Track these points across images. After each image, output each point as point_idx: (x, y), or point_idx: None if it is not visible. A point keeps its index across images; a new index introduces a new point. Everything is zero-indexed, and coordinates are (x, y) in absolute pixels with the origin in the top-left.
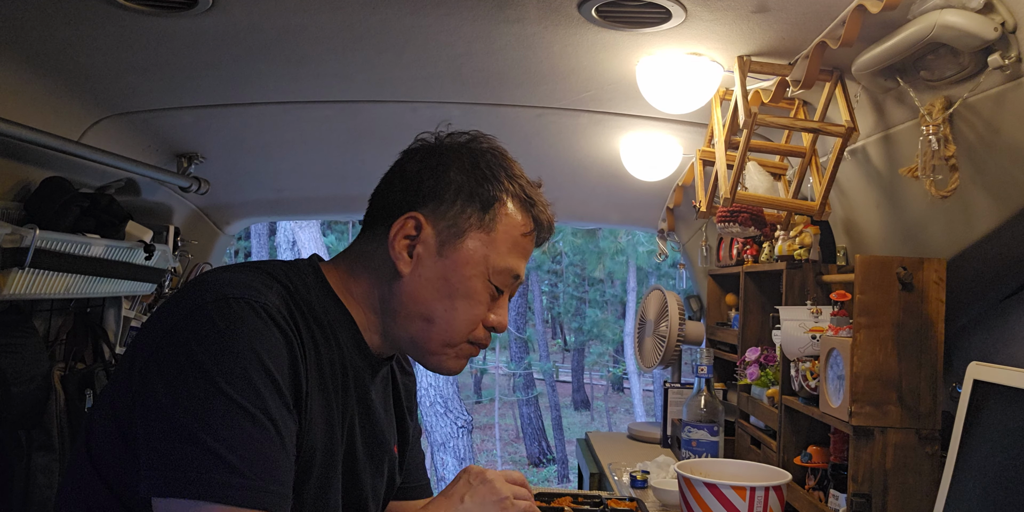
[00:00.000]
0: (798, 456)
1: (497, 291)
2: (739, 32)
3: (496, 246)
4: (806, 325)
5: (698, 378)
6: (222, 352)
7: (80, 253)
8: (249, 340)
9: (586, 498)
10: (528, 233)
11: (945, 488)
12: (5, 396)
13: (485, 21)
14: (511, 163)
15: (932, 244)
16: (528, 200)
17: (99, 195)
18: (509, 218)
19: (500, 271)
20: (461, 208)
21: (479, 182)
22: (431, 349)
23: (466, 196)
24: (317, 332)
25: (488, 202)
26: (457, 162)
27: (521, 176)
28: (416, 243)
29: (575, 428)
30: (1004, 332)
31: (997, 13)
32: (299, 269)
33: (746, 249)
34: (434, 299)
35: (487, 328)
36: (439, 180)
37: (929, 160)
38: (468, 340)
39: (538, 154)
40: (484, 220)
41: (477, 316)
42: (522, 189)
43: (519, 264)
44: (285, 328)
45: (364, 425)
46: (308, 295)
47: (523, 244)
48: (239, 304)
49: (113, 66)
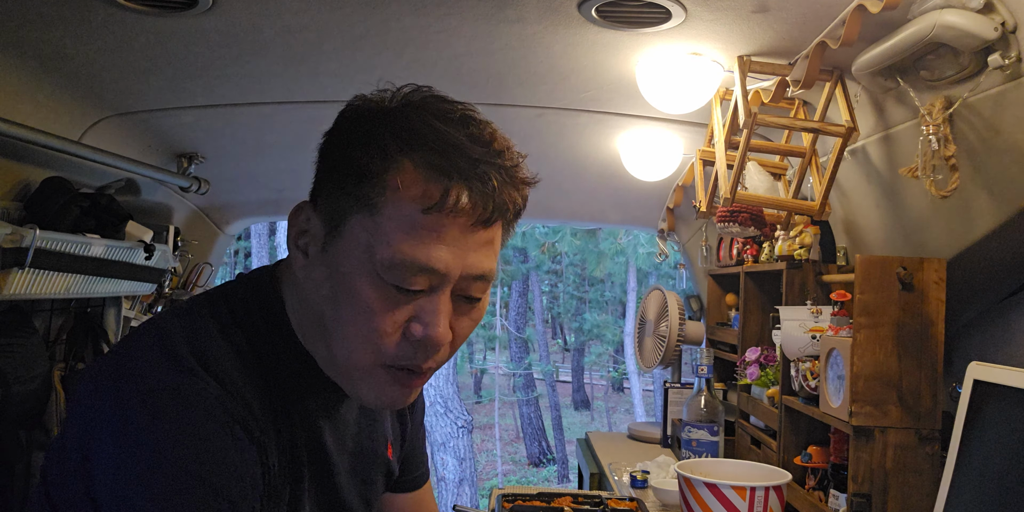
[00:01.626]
0: (798, 456)
1: (404, 291)
2: (739, 32)
3: (383, 232)
4: (806, 325)
5: (698, 378)
6: (152, 476)
7: (80, 253)
8: (183, 454)
9: (586, 498)
10: (434, 207)
11: (945, 488)
12: (5, 396)
13: (485, 21)
14: (435, 114)
15: (932, 244)
16: (440, 155)
17: (99, 195)
18: (400, 191)
19: (392, 265)
20: (341, 186)
21: (363, 149)
22: (339, 373)
23: (345, 169)
24: (273, 383)
25: (366, 173)
26: (351, 129)
27: (440, 126)
28: (308, 239)
29: (575, 428)
30: (1004, 332)
31: (997, 13)
32: (255, 295)
33: (746, 249)
34: (324, 309)
35: (411, 342)
36: (328, 156)
37: (929, 160)
38: (382, 363)
39: (538, 154)
40: (364, 198)
41: (377, 328)
42: (430, 143)
43: (426, 251)
44: (234, 412)
45: (340, 446)
46: (266, 331)
47: (428, 225)
48: (169, 398)
49: (113, 66)
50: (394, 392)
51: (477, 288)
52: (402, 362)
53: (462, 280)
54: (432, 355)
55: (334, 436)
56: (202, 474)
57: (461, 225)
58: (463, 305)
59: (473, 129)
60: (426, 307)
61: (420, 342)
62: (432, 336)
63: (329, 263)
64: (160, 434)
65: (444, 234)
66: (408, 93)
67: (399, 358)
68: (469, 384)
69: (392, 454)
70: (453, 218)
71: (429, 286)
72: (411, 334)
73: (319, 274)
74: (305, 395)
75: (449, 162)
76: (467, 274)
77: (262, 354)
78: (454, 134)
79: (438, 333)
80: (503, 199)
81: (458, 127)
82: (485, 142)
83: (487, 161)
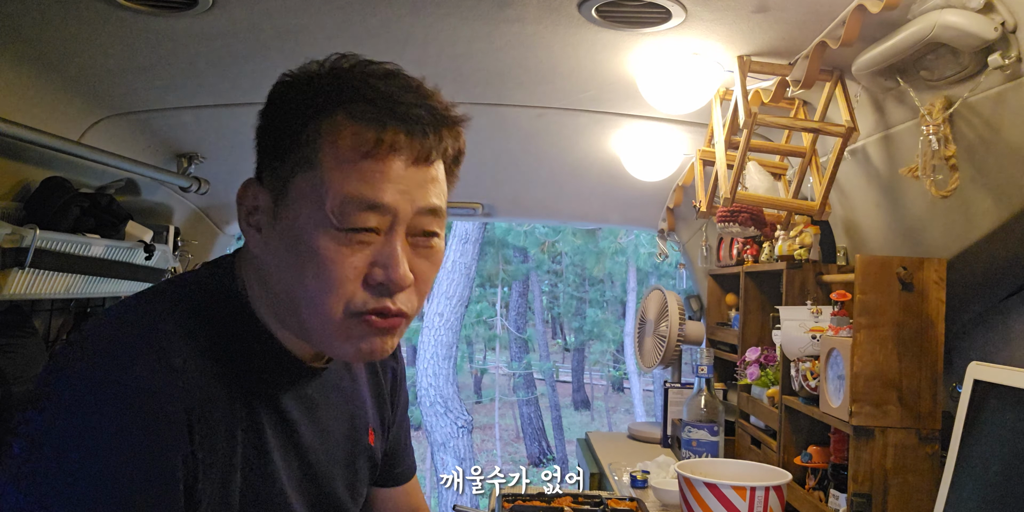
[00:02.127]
0: (798, 456)
1: (357, 231)
2: (739, 32)
3: (327, 182)
4: (806, 325)
5: (698, 378)
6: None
7: (80, 253)
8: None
9: (586, 498)
10: (373, 151)
11: (945, 488)
12: (5, 396)
13: (485, 21)
14: (361, 71)
15: (932, 244)
16: (371, 103)
17: (99, 195)
18: (338, 142)
19: (343, 208)
20: (279, 152)
21: (296, 112)
22: (317, 336)
23: (281, 135)
24: (232, 367)
25: (301, 132)
26: (283, 98)
27: (368, 79)
28: (259, 215)
29: (575, 428)
30: (1004, 332)
31: (997, 13)
32: (214, 281)
33: (746, 249)
34: (287, 276)
35: (375, 287)
36: (264, 129)
37: (929, 160)
38: (352, 311)
39: (538, 154)
40: (303, 156)
41: (338, 278)
42: (360, 94)
43: (372, 189)
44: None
45: (317, 430)
46: (225, 316)
47: (370, 167)
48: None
49: (113, 66)
50: (372, 341)
51: (429, 222)
52: (370, 306)
53: (415, 218)
54: (396, 296)
55: (307, 419)
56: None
57: (402, 163)
58: (420, 247)
59: (401, 81)
60: (383, 250)
61: (383, 285)
62: (393, 277)
63: (283, 229)
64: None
65: (387, 172)
66: (335, 60)
67: (366, 303)
68: (469, 384)
69: (374, 441)
70: (393, 158)
71: (382, 227)
72: (373, 278)
73: (276, 244)
74: (269, 378)
75: (381, 108)
76: (418, 209)
77: (220, 340)
78: (383, 85)
79: (399, 273)
80: (439, 137)
81: (386, 79)
82: (413, 89)
83: (417, 103)
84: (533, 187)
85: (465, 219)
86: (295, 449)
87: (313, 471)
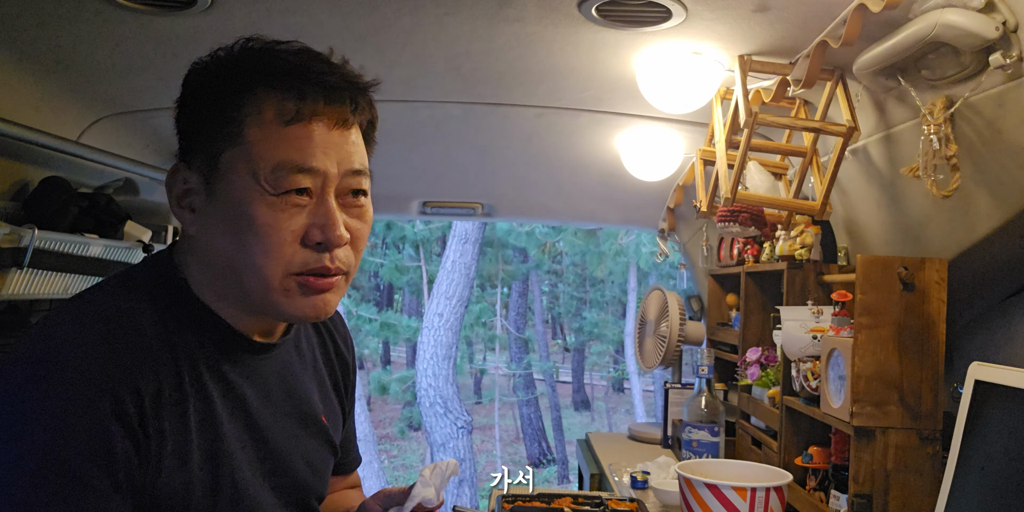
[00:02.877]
0: (799, 457)
1: (291, 194)
2: (740, 31)
3: (256, 152)
4: (807, 325)
5: (699, 378)
6: (17, 463)
7: (79, 253)
8: (48, 436)
9: (586, 499)
10: (294, 117)
11: (946, 488)
12: None
13: (485, 20)
14: (273, 50)
15: (933, 244)
16: (287, 75)
17: (98, 195)
18: (260, 115)
19: (275, 174)
20: (204, 133)
21: (214, 92)
22: (259, 300)
23: (203, 116)
24: (176, 348)
25: (223, 110)
26: (200, 82)
27: (281, 56)
28: (192, 196)
29: (575, 429)
30: (1005, 332)
31: (998, 12)
32: (155, 278)
33: (747, 249)
34: (226, 247)
35: (313, 246)
36: (185, 112)
37: (930, 160)
38: (290, 272)
39: (538, 154)
40: (228, 133)
41: (277, 241)
42: (275, 69)
43: (300, 152)
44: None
45: (270, 406)
46: (167, 300)
47: (294, 133)
48: (41, 385)
49: (111, 65)
50: (313, 300)
51: (357, 182)
52: (310, 266)
53: (342, 179)
54: (334, 253)
55: (256, 393)
56: (49, 450)
57: (324, 127)
58: (351, 207)
59: (311, 53)
60: (318, 211)
61: (321, 244)
62: (330, 236)
63: (219, 205)
64: (16, 414)
65: (312, 137)
66: (243, 43)
67: (306, 263)
68: (469, 385)
69: (327, 421)
70: (316, 122)
71: (314, 189)
72: (310, 239)
73: (213, 220)
74: (213, 351)
75: (297, 78)
76: (344, 171)
77: (162, 320)
78: (294, 58)
79: (336, 232)
80: (355, 102)
81: (297, 54)
82: (324, 60)
83: (331, 72)
84: (533, 187)
85: (465, 219)
86: (246, 423)
87: (268, 446)
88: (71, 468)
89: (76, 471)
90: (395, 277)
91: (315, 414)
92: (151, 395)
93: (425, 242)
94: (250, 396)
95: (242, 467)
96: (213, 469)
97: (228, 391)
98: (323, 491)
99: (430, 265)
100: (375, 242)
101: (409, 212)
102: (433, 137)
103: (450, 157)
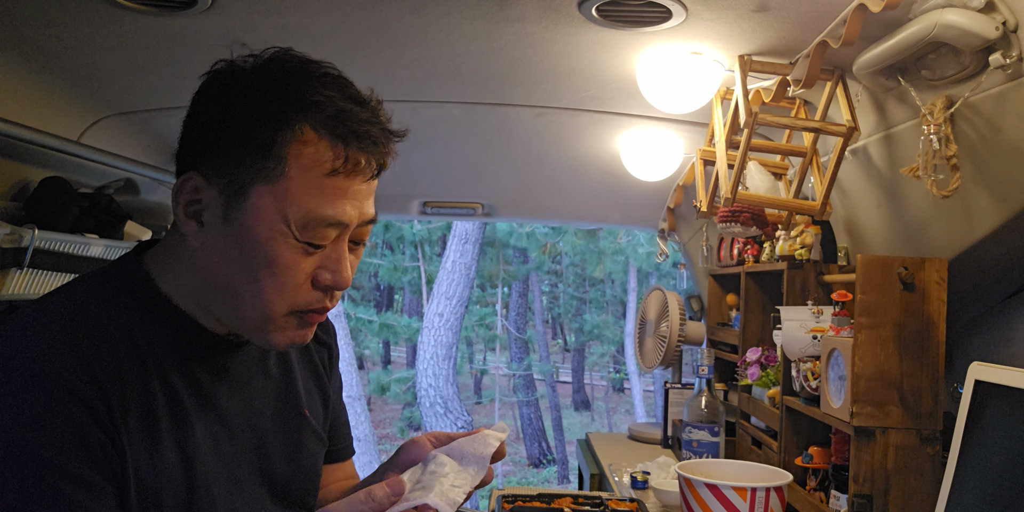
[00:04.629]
0: (799, 457)
1: (314, 246)
2: (740, 31)
3: (291, 197)
4: (807, 325)
5: (699, 378)
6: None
7: (79, 253)
8: (22, 435)
9: (586, 499)
10: (338, 169)
11: (946, 489)
12: None
13: (485, 20)
14: (316, 80)
15: (933, 244)
16: (335, 121)
17: (98, 195)
18: (303, 158)
19: (306, 225)
20: (238, 158)
21: (256, 119)
22: (250, 327)
23: (240, 141)
24: (143, 345)
25: (267, 144)
26: (235, 97)
27: (325, 92)
28: (202, 208)
29: (575, 429)
30: (1006, 332)
31: (998, 12)
32: (120, 279)
33: (747, 249)
34: (233, 273)
35: (321, 288)
36: (214, 125)
37: (930, 160)
38: (293, 310)
39: (538, 154)
40: (267, 167)
41: (291, 283)
42: (323, 109)
43: (334, 208)
44: (68, 383)
45: (245, 405)
46: (127, 298)
47: (333, 185)
48: (7, 385)
49: (112, 65)
50: (302, 332)
51: (366, 231)
52: (314, 306)
53: (358, 227)
54: (334, 293)
55: (227, 392)
56: (25, 446)
57: (361, 180)
58: (351, 251)
59: (351, 90)
60: (331, 255)
61: (328, 288)
62: (339, 281)
63: (236, 231)
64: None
65: (348, 190)
66: (274, 55)
67: (310, 303)
68: (469, 385)
69: (310, 414)
70: (355, 176)
71: (328, 239)
72: (319, 282)
73: (224, 242)
74: (179, 348)
75: (344, 126)
76: (362, 220)
77: (126, 317)
78: (339, 97)
79: (345, 278)
80: (386, 153)
81: (338, 89)
82: (363, 102)
83: (371, 121)
84: (533, 187)
85: (465, 219)
86: (219, 422)
87: (243, 444)
88: (51, 463)
89: (58, 465)
90: (395, 277)
91: (296, 408)
92: (116, 392)
93: (425, 242)
94: (221, 394)
95: (216, 465)
96: (186, 468)
97: (197, 389)
98: (310, 485)
99: (430, 265)
100: (375, 242)
101: (409, 212)
102: (433, 137)
103: (450, 157)
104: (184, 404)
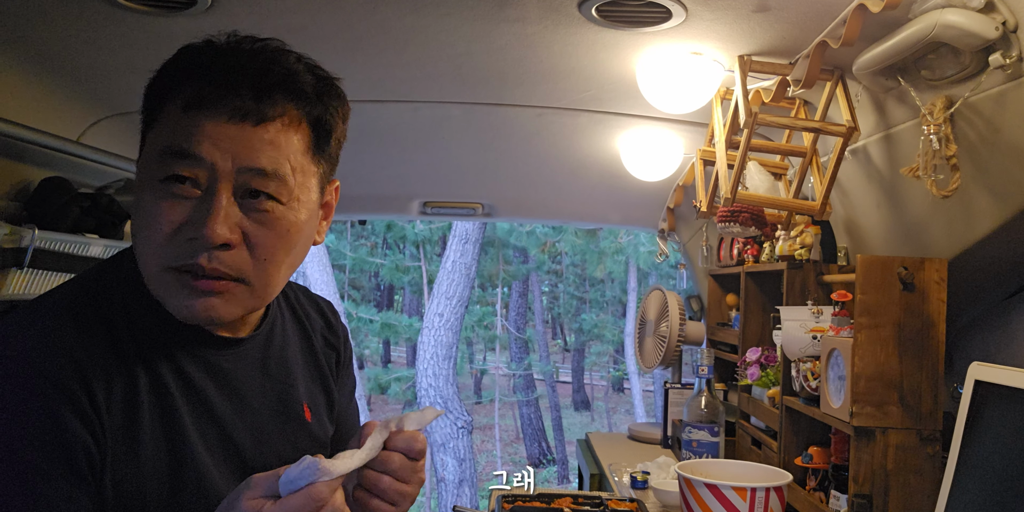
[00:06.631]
0: (799, 457)
1: (171, 182)
2: (740, 31)
3: (153, 138)
4: (807, 325)
5: (699, 378)
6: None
7: (79, 253)
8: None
9: (586, 499)
10: (191, 104)
11: (946, 489)
12: None
13: (485, 21)
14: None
15: (933, 244)
16: (196, 62)
17: (99, 195)
18: (167, 98)
19: (161, 157)
20: (143, 120)
21: (151, 82)
22: (153, 293)
23: (144, 104)
24: (129, 341)
25: (149, 96)
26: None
27: (219, 47)
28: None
29: (575, 429)
30: (1005, 332)
31: (998, 12)
32: (113, 275)
33: (747, 249)
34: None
35: (186, 242)
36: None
37: (930, 160)
38: (165, 266)
39: (538, 154)
40: (147, 118)
41: (156, 233)
42: (196, 55)
43: (187, 139)
44: (53, 376)
45: (237, 403)
46: (115, 293)
47: (189, 121)
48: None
49: (113, 66)
50: (192, 301)
51: (260, 183)
52: (180, 262)
53: (239, 176)
54: (214, 254)
55: (219, 389)
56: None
57: (224, 117)
58: (252, 210)
59: (250, 48)
60: (200, 206)
61: (194, 241)
62: (201, 232)
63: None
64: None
65: (204, 126)
66: (213, 36)
67: (178, 257)
68: (469, 385)
69: (312, 418)
70: (209, 111)
71: (202, 181)
72: (184, 233)
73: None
74: (167, 343)
75: (202, 65)
76: (242, 166)
77: (113, 313)
78: (232, 49)
79: (207, 229)
80: (271, 100)
81: (243, 44)
82: (267, 53)
83: (249, 66)
84: (533, 187)
85: (465, 219)
86: (210, 418)
87: (236, 444)
88: (27, 458)
89: (32, 460)
90: (396, 277)
91: (295, 410)
92: (102, 388)
93: (425, 242)
94: (213, 393)
95: (207, 465)
96: (174, 466)
97: (189, 387)
98: None
99: (430, 265)
100: (375, 242)
101: (409, 212)
102: (433, 137)
103: (450, 157)
104: (176, 403)
